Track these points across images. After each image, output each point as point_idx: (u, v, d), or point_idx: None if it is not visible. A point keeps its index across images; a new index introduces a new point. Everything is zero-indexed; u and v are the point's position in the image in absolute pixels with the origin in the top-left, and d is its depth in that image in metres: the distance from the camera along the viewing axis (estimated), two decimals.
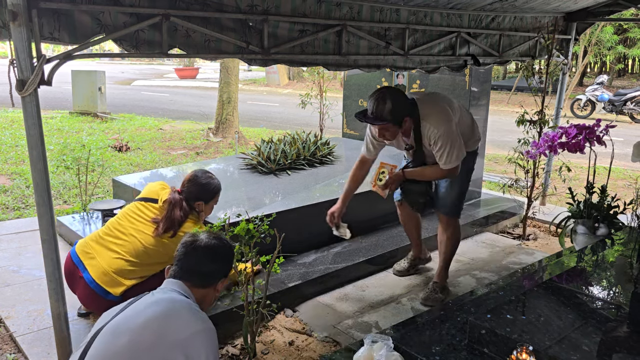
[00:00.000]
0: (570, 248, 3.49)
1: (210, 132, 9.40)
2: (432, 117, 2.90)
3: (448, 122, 2.90)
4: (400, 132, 2.90)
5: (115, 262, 2.64)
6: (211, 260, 1.82)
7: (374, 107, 2.78)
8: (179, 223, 2.71)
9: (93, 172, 6.17)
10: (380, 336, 1.91)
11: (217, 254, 1.85)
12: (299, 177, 4.25)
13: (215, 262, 1.84)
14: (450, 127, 2.89)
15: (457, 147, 2.92)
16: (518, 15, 4.22)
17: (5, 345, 2.76)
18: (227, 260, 1.90)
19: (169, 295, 1.68)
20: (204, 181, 2.83)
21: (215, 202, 2.89)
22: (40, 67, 1.92)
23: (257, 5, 2.69)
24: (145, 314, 1.60)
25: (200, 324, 1.61)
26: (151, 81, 23.26)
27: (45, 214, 2.04)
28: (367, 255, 3.70)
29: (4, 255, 3.81)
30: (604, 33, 13.59)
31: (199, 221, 2.81)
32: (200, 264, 1.80)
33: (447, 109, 2.97)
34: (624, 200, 3.54)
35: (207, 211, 2.86)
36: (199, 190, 2.81)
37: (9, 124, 9.77)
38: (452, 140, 2.89)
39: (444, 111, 2.94)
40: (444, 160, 2.92)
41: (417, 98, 2.99)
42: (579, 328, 2.12)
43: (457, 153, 2.92)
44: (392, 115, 2.76)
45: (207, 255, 1.82)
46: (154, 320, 1.58)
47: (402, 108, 2.80)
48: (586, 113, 13.44)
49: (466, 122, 3.16)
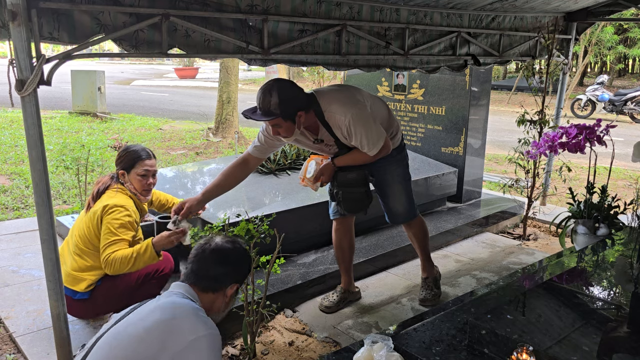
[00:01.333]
0: (570, 248, 3.49)
1: (210, 132, 9.40)
2: (334, 105, 2.64)
3: (354, 106, 2.65)
4: (297, 128, 2.60)
5: (71, 260, 2.68)
6: (219, 264, 1.76)
7: (260, 101, 2.50)
8: (100, 194, 2.73)
9: (92, 172, 6.17)
10: (380, 336, 1.90)
11: (227, 257, 1.78)
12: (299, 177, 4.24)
13: (224, 265, 1.77)
14: (359, 110, 2.64)
15: (376, 129, 2.67)
16: (518, 15, 4.22)
17: (5, 345, 2.76)
18: (239, 265, 1.82)
19: (172, 299, 1.64)
20: (123, 151, 2.83)
21: (138, 172, 2.77)
22: (39, 67, 1.92)
23: (257, 5, 2.69)
24: (146, 323, 1.55)
25: (202, 329, 1.56)
26: (151, 81, 23.26)
27: (45, 214, 2.04)
28: (367, 255, 3.70)
29: (4, 255, 3.80)
30: (604, 33, 13.58)
31: (123, 191, 2.74)
32: (208, 267, 1.75)
33: (352, 95, 2.74)
34: (624, 201, 3.54)
35: (134, 182, 2.79)
36: (120, 160, 2.80)
37: (9, 124, 9.77)
38: (364, 122, 2.63)
39: (347, 96, 2.71)
40: (367, 146, 2.67)
41: (316, 90, 2.78)
42: (579, 328, 2.12)
43: (378, 134, 2.66)
44: (280, 109, 2.47)
45: (215, 258, 1.76)
46: (155, 329, 1.53)
47: (292, 101, 2.51)
48: (586, 113, 13.45)
49: (380, 111, 2.87)
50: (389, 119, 2.93)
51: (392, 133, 2.93)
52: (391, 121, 2.94)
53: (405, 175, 3.07)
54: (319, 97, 2.67)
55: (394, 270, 3.78)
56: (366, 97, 2.83)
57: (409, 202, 3.09)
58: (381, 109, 2.90)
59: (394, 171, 3.00)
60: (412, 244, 3.31)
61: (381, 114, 2.87)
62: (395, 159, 2.97)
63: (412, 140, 5.26)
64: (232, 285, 1.79)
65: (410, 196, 3.10)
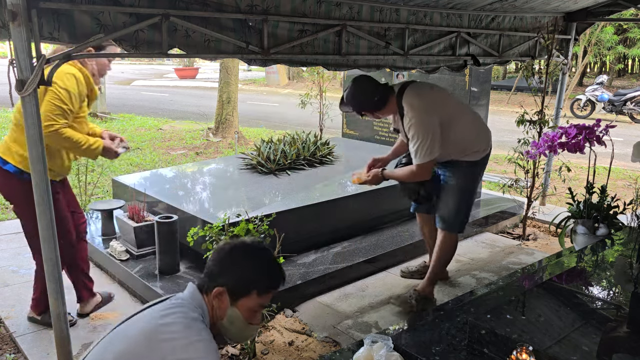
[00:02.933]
0: (570, 248, 3.49)
1: (210, 132, 9.40)
2: (408, 105, 2.84)
3: (426, 113, 2.80)
4: (374, 118, 3.06)
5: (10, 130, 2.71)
6: (219, 258, 1.58)
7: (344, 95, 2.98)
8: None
9: (92, 172, 6.17)
10: (380, 336, 1.91)
11: (230, 251, 1.58)
12: (298, 177, 4.25)
13: (223, 259, 1.57)
14: (428, 120, 2.79)
15: (429, 143, 2.77)
16: (518, 15, 4.22)
17: (5, 345, 2.76)
18: (241, 261, 1.58)
19: (173, 303, 1.50)
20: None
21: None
22: (39, 67, 1.92)
23: (257, 5, 2.69)
24: (139, 326, 1.44)
25: (194, 335, 1.40)
26: (151, 81, 23.25)
27: (45, 214, 2.04)
28: (367, 255, 3.70)
29: (4, 255, 3.81)
30: (604, 33, 13.59)
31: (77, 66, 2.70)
32: (212, 262, 1.59)
33: (434, 103, 2.90)
34: (623, 201, 3.54)
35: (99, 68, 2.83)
36: None
37: (9, 124, 9.76)
38: (424, 132, 2.76)
39: (429, 102, 2.88)
40: (413, 151, 2.83)
41: (410, 84, 2.96)
42: (578, 328, 2.12)
43: (428, 149, 2.78)
44: (352, 104, 2.93)
45: (221, 254, 1.58)
46: (145, 334, 1.41)
47: (359, 100, 2.91)
48: (586, 113, 13.44)
49: (467, 128, 3.01)
50: (473, 138, 3.02)
51: (474, 150, 3.02)
52: (475, 141, 3.02)
53: (465, 189, 3.07)
54: (406, 91, 2.90)
55: (394, 270, 3.78)
56: (454, 108, 3.00)
57: (455, 215, 3.09)
58: (468, 127, 3.00)
59: (458, 179, 3.04)
60: (432, 253, 3.32)
61: (464, 131, 2.97)
62: (464, 170, 3.03)
63: None
64: (223, 288, 1.53)
65: (458, 210, 3.08)
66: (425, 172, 2.87)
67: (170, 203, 3.71)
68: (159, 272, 3.31)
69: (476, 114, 3.19)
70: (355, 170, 3.29)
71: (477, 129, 3.07)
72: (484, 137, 3.08)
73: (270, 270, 1.64)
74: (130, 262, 3.47)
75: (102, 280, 3.53)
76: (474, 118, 3.11)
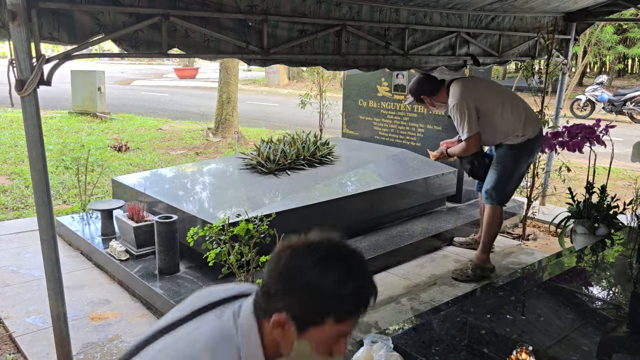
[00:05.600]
0: (570, 248, 3.49)
1: (209, 132, 9.40)
2: (451, 93, 3.38)
3: (461, 99, 3.30)
4: (431, 105, 3.58)
5: None
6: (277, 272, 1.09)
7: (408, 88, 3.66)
8: None
9: (92, 172, 6.17)
10: (380, 336, 1.91)
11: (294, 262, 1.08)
12: (298, 177, 4.25)
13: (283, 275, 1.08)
14: (462, 103, 3.29)
15: (467, 121, 3.29)
16: (518, 15, 4.22)
17: (5, 345, 2.76)
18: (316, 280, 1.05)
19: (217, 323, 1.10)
20: None
21: None
22: (39, 67, 1.92)
23: (257, 5, 2.69)
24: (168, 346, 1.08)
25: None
26: (151, 81, 23.25)
27: (45, 214, 2.04)
28: (367, 255, 3.69)
29: (4, 255, 3.81)
30: (604, 33, 13.57)
31: None
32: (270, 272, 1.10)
33: (472, 91, 3.36)
34: (623, 201, 3.54)
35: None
36: None
37: (8, 124, 9.77)
38: (460, 113, 3.30)
39: (464, 90, 3.35)
40: (459, 130, 3.38)
41: (458, 79, 3.48)
42: (578, 328, 2.12)
43: (467, 126, 3.31)
44: (412, 93, 3.57)
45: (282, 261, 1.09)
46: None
47: (420, 88, 3.52)
48: (586, 113, 13.44)
49: (510, 116, 3.39)
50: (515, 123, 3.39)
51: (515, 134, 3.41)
52: (518, 127, 3.40)
53: (508, 166, 3.47)
54: (452, 84, 3.42)
55: (393, 270, 3.78)
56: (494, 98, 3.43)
57: (497, 188, 3.50)
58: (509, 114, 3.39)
59: (503, 156, 3.48)
60: (480, 226, 3.77)
61: (507, 118, 3.38)
62: (504, 151, 3.46)
63: (411, 140, 5.26)
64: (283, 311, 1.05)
65: (500, 184, 3.49)
66: (472, 146, 3.36)
67: (170, 203, 3.71)
68: (158, 272, 3.31)
69: (524, 104, 3.53)
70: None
71: (522, 117, 3.42)
72: (529, 124, 3.42)
73: (354, 286, 1.08)
74: (130, 262, 3.47)
75: (102, 280, 3.52)
76: (519, 107, 3.47)
